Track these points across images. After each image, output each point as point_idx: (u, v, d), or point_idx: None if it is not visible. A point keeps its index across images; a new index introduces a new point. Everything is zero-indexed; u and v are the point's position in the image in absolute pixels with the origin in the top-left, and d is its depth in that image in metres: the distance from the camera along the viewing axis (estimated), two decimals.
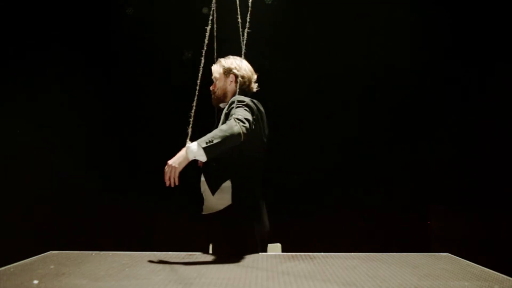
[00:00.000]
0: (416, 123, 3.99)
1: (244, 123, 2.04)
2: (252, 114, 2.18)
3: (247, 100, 2.23)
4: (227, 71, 2.41)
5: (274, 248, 2.75)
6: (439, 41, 3.80)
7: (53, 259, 1.97)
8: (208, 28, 2.21)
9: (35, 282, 1.53)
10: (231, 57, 2.45)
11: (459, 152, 3.85)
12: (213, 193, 2.24)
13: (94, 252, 2.12)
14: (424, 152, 3.95)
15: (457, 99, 3.85)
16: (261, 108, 2.35)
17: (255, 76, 2.45)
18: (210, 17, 2.26)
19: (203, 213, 2.34)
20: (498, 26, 3.63)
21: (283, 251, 2.68)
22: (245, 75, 2.39)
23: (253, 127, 2.12)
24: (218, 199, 2.24)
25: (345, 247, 2.34)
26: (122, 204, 3.79)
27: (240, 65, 2.39)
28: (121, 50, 3.95)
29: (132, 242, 3.59)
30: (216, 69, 2.46)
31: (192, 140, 2.05)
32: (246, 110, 2.16)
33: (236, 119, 2.04)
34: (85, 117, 3.86)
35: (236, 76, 2.38)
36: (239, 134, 2.00)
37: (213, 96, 2.47)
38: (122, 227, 3.76)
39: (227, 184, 2.23)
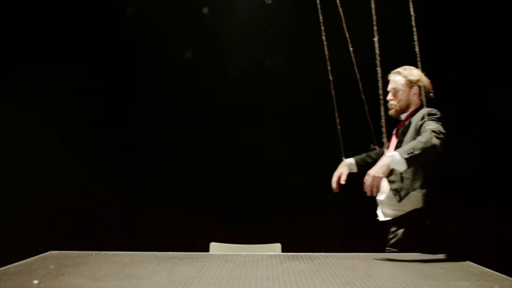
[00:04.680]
0: None
1: (439, 135, 2.10)
2: (443, 126, 2.21)
3: (438, 113, 2.30)
4: (411, 83, 2.48)
5: (274, 248, 2.76)
6: (438, 41, 3.79)
7: (53, 259, 1.97)
8: None
9: (35, 282, 1.53)
10: (408, 67, 2.52)
11: (459, 152, 3.84)
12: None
13: (94, 252, 2.12)
14: None
15: (457, 99, 3.84)
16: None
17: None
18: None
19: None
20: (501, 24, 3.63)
21: (283, 251, 2.68)
22: (427, 86, 2.44)
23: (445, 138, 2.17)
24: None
25: (345, 247, 2.34)
26: (122, 204, 3.78)
27: (421, 75, 2.44)
28: (121, 49, 3.94)
29: (132, 242, 3.58)
30: (398, 80, 2.52)
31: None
32: (438, 123, 2.22)
33: (432, 131, 2.09)
34: (85, 117, 3.86)
35: (419, 88, 2.42)
36: (435, 146, 2.05)
37: (394, 107, 2.56)
38: (122, 227, 3.76)
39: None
